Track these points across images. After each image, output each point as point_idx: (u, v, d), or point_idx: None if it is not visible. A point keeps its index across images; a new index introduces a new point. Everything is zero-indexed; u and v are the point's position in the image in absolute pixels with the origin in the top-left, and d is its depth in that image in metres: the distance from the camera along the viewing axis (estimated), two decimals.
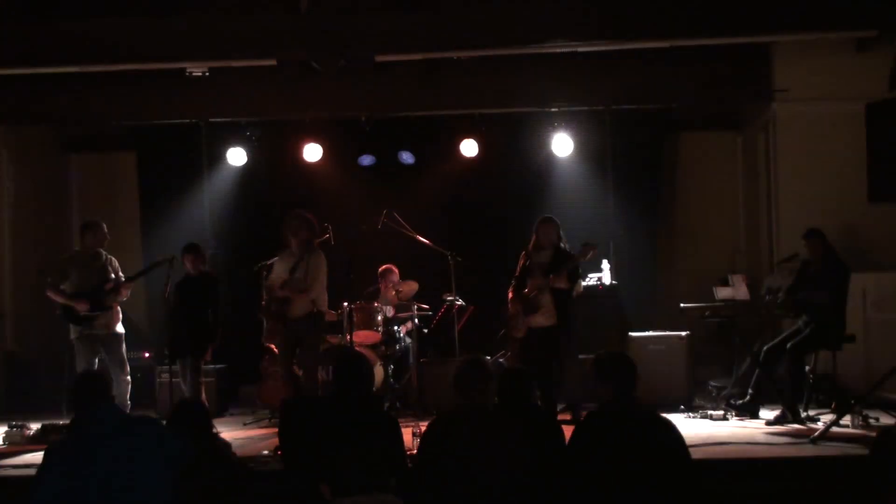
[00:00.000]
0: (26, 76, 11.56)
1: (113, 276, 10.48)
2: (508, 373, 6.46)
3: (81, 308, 10.18)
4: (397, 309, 11.89)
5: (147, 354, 12.27)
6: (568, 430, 6.03)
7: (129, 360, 10.51)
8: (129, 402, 10.22)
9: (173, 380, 10.36)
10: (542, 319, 10.05)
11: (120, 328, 10.45)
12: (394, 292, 11.83)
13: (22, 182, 13.12)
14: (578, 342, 10.54)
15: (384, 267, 12.13)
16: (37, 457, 8.78)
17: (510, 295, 10.41)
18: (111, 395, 5.96)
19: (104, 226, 10.58)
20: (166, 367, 10.59)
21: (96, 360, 10.26)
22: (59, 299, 10.25)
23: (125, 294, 10.46)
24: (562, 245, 10.19)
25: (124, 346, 10.45)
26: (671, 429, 5.68)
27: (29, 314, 12.95)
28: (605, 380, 5.83)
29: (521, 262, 10.34)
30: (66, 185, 14.29)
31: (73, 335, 10.34)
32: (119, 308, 10.48)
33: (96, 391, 5.79)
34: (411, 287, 11.91)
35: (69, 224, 14.09)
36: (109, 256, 10.59)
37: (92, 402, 5.72)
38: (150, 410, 10.48)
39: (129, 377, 10.32)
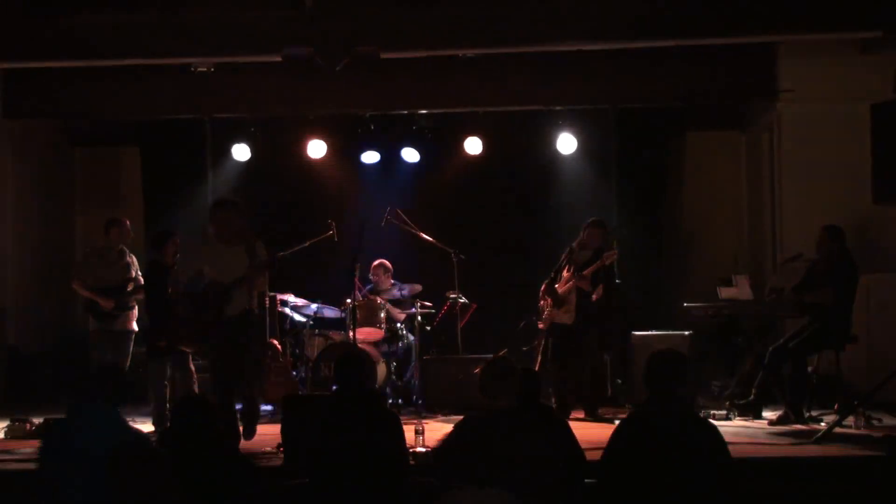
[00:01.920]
0: (31, 70, 11.56)
1: (134, 274, 10.63)
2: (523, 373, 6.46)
3: (107, 305, 10.33)
4: (394, 304, 11.88)
5: None
6: (581, 429, 6.02)
7: (131, 355, 10.64)
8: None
9: (177, 375, 10.33)
10: (564, 317, 10.31)
11: (135, 326, 10.63)
12: (399, 293, 11.82)
13: (26, 176, 13.11)
14: (602, 342, 10.57)
15: (377, 262, 12.12)
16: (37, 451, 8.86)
17: (543, 288, 10.63)
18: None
19: (128, 223, 10.73)
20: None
21: (110, 355, 10.39)
22: (86, 293, 10.43)
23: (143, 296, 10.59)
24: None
25: (132, 344, 10.60)
26: (713, 431, 5.63)
27: (31, 308, 12.96)
28: (650, 379, 5.80)
29: (563, 257, 10.51)
30: (69, 180, 14.29)
31: (92, 328, 10.53)
32: (136, 306, 10.63)
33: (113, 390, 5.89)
34: (414, 289, 11.89)
35: (72, 218, 14.12)
36: (131, 255, 10.72)
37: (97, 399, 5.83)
38: (148, 406, 10.46)
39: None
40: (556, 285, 10.50)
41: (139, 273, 10.70)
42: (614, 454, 5.60)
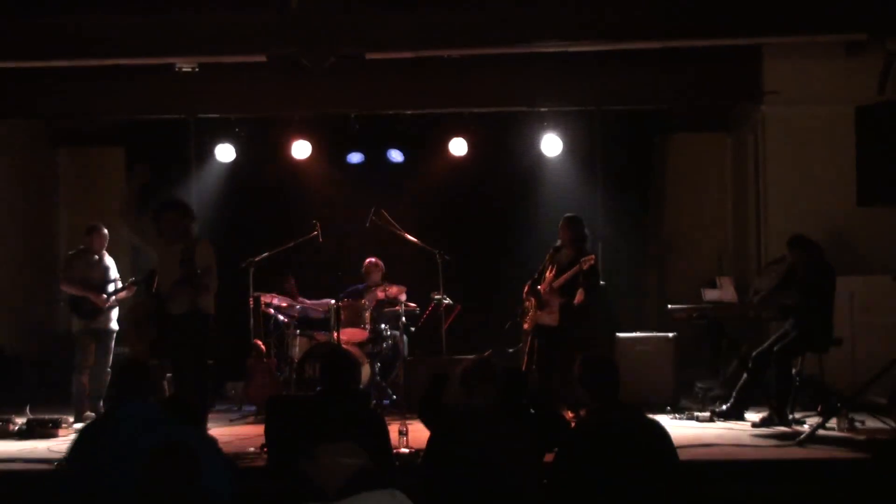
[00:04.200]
0: (14, 70, 11.49)
1: (113, 276, 11.00)
2: (506, 373, 6.47)
3: (100, 302, 10.68)
4: (381, 304, 11.86)
5: None
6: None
7: (118, 354, 10.91)
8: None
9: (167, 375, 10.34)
10: (547, 318, 10.30)
11: (115, 325, 10.93)
12: (382, 293, 11.79)
13: (8, 176, 13.07)
14: (585, 343, 10.57)
15: (369, 261, 12.10)
16: (22, 451, 8.83)
17: (525, 288, 10.64)
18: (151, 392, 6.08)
19: (105, 230, 11.01)
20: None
21: (93, 354, 10.69)
22: (77, 292, 10.70)
23: (125, 296, 10.92)
24: (586, 247, 10.34)
25: (114, 342, 10.90)
26: (660, 430, 5.66)
27: (16, 308, 12.92)
28: (589, 386, 5.83)
29: (547, 258, 10.53)
30: (53, 180, 14.23)
31: (75, 328, 10.81)
32: (116, 306, 10.96)
33: (139, 384, 5.90)
34: (400, 290, 11.85)
35: (56, 219, 14.05)
36: (110, 257, 11.07)
37: (130, 394, 5.83)
38: None
39: (111, 370, 10.71)
40: (539, 286, 10.51)
41: (117, 275, 11.06)
42: (567, 463, 5.59)
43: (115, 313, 10.93)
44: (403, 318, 11.64)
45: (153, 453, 4.81)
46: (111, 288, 10.83)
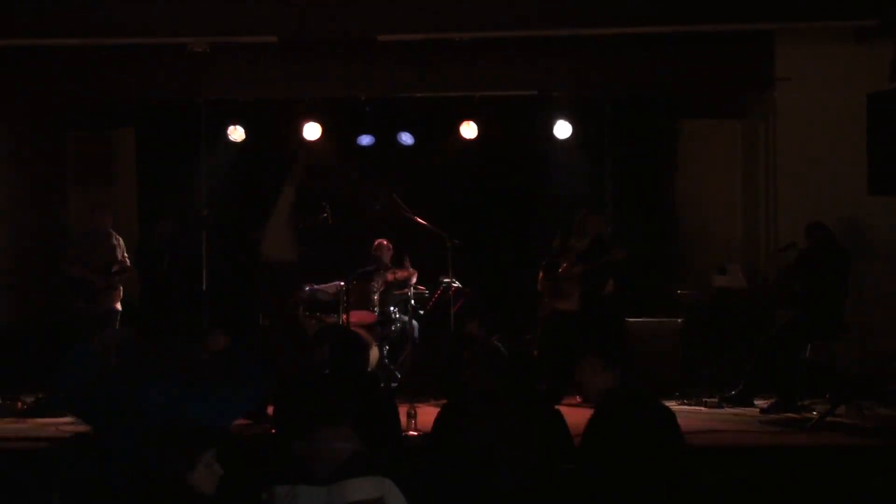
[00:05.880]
0: (23, 50, 11.50)
1: (120, 256, 11.03)
2: (514, 358, 6.48)
3: (100, 283, 10.73)
4: (390, 286, 11.87)
5: None
6: (578, 415, 6.03)
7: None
8: None
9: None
10: (566, 304, 10.28)
11: (119, 306, 10.96)
12: (392, 276, 11.81)
13: (17, 158, 13.05)
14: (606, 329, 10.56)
15: (378, 242, 12.10)
16: (30, 430, 8.87)
17: (541, 275, 10.65)
18: None
19: (111, 211, 11.24)
20: None
21: (96, 335, 10.66)
22: (77, 272, 10.79)
23: (129, 277, 11.06)
24: (605, 239, 10.38)
25: (118, 324, 10.94)
26: (670, 415, 5.67)
27: (23, 289, 12.93)
28: (610, 368, 5.82)
29: (556, 243, 10.52)
30: (63, 161, 14.22)
31: (78, 310, 10.88)
32: (121, 287, 10.99)
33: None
34: (410, 273, 11.86)
35: (65, 201, 14.04)
36: (118, 237, 11.13)
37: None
38: None
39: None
40: (560, 270, 10.47)
41: (126, 255, 11.08)
42: (592, 443, 5.60)
43: (119, 294, 10.97)
44: (412, 302, 11.64)
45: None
46: (115, 269, 10.87)
